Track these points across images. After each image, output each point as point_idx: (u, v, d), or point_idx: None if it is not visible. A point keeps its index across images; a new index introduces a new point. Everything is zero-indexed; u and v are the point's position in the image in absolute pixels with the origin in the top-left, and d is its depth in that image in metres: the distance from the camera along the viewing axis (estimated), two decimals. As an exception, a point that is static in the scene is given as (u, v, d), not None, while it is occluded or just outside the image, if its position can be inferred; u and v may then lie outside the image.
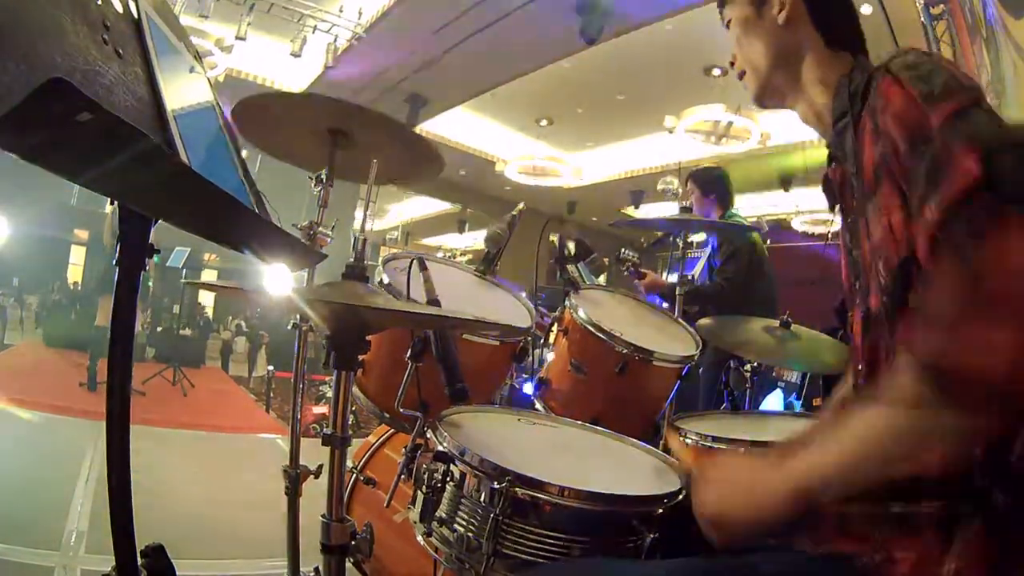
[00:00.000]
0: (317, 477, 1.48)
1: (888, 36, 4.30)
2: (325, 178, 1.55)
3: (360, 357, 1.04)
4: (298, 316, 1.60)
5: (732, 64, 1.02)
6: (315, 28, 6.38)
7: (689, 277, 2.51)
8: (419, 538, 1.00)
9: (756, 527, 0.73)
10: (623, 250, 2.65)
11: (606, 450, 1.25)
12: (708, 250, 3.13)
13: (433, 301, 1.27)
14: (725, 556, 0.76)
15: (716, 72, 6.69)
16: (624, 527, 0.93)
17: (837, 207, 0.93)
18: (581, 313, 1.61)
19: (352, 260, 1.01)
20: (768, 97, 0.99)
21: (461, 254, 12.90)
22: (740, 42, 1.00)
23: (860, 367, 0.87)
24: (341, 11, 6.36)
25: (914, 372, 0.64)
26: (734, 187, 3.14)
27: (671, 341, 1.73)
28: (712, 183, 3.07)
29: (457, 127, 9.24)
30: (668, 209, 8.96)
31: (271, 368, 7.36)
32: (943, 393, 0.62)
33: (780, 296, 3.03)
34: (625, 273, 2.66)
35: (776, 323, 1.91)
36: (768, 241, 3.24)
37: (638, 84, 7.27)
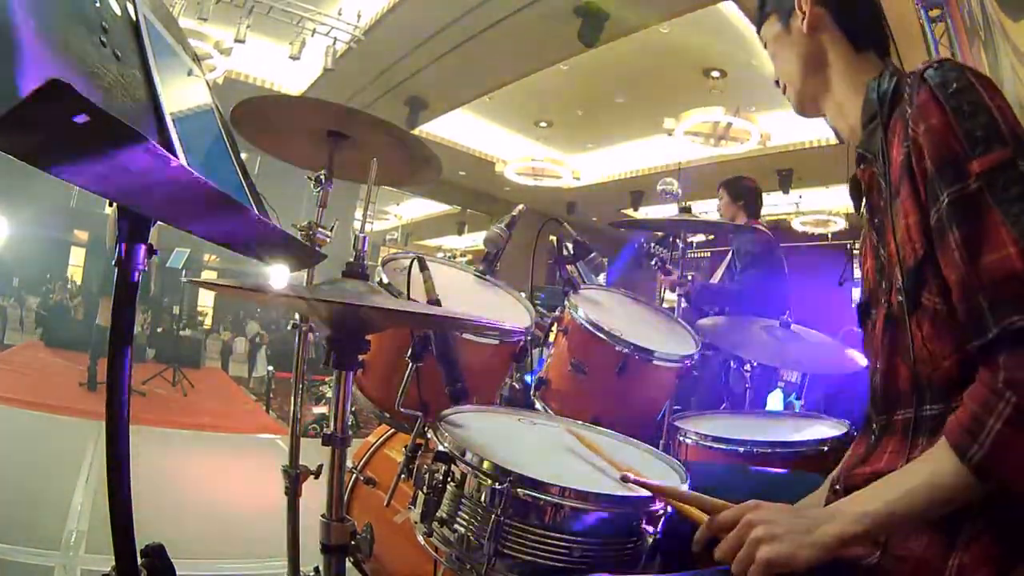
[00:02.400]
0: (317, 477, 1.47)
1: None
2: (324, 179, 1.55)
3: (360, 357, 1.04)
4: (298, 316, 1.60)
5: (776, 83, 1.05)
6: (314, 31, 6.38)
7: (689, 277, 2.52)
8: (419, 538, 0.99)
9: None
10: (653, 244, 2.67)
11: (606, 450, 1.24)
12: (729, 256, 3.16)
13: (433, 301, 1.27)
14: (723, 567, 0.76)
15: (715, 74, 6.70)
16: (625, 528, 0.92)
17: (864, 208, 0.94)
18: (581, 313, 1.61)
19: (352, 260, 1.02)
20: (806, 106, 1.02)
21: (461, 255, 12.89)
22: (776, 58, 1.03)
23: (879, 364, 0.88)
24: (340, 14, 6.36)
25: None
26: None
27: (671, 341, 1.73)
28: (742, 191, 3.20)
29: (457, 128, 9.24)
30: (668, 211, 8.95)
31: (271, 368, 7.37)
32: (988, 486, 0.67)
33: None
34: (653, 267, 2.66)
35: (776, 323, 1.92)
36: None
37: (637, 86, 7.27)
